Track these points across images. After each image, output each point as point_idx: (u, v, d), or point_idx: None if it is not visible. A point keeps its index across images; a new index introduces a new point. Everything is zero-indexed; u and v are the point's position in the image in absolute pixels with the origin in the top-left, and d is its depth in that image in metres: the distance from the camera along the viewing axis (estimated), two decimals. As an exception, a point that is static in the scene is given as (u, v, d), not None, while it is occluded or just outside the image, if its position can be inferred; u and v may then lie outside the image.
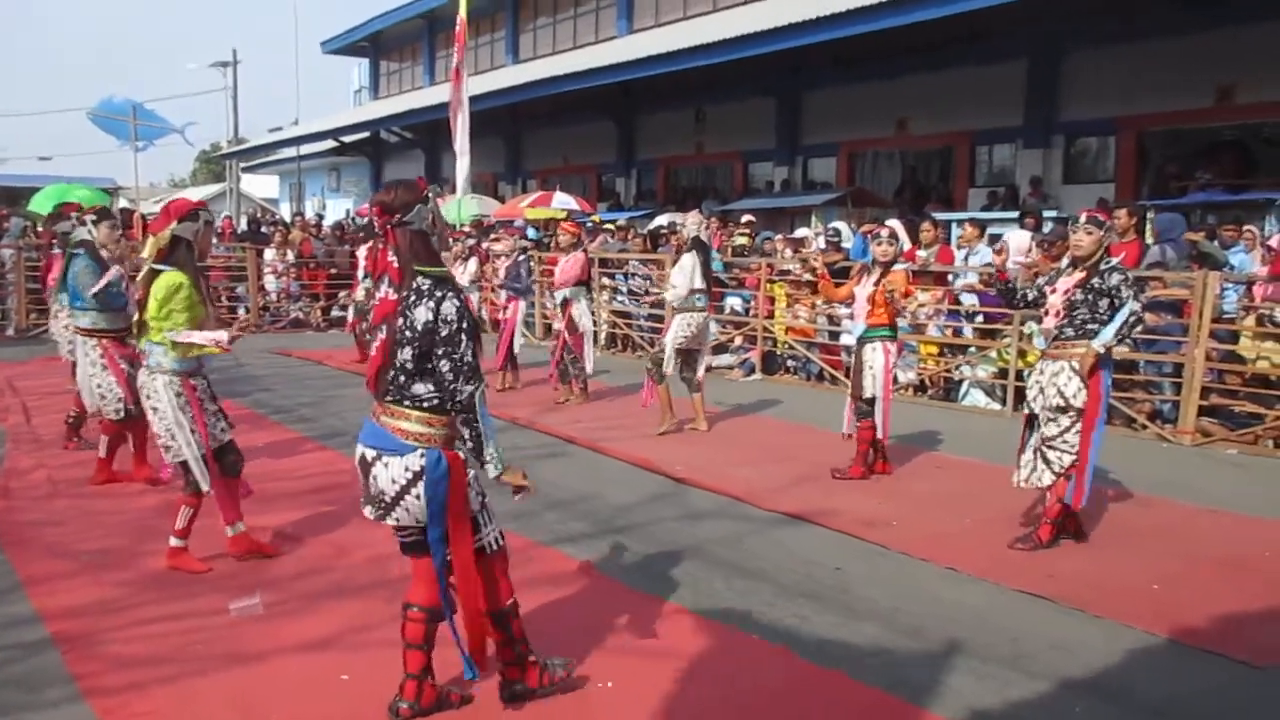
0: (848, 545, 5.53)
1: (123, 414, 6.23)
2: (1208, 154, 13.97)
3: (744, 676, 3.86)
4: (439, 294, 3.16)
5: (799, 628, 4.34)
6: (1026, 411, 5.65)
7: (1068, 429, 5.31)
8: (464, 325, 3.15)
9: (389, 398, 3.23)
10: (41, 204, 15.80)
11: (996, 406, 9.64)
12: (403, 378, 3.19)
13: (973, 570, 5.07)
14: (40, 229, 13.70)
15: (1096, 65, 14.79)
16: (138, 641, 4.01)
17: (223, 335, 4.78)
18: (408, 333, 3.15)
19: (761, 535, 5.68)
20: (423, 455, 3.18)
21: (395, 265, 3.22)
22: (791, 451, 7.70)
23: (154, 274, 4.72)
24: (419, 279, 3.19)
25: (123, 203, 18.35)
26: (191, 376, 4.86)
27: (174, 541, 4.88)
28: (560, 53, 25.22)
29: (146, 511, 5.78)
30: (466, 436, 3.23)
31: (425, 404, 3.20)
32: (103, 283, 6.23)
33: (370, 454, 3.26)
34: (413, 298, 3.17)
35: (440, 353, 3.14)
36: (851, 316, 7.06)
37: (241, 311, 16.08)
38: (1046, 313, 5.49)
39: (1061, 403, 5.29)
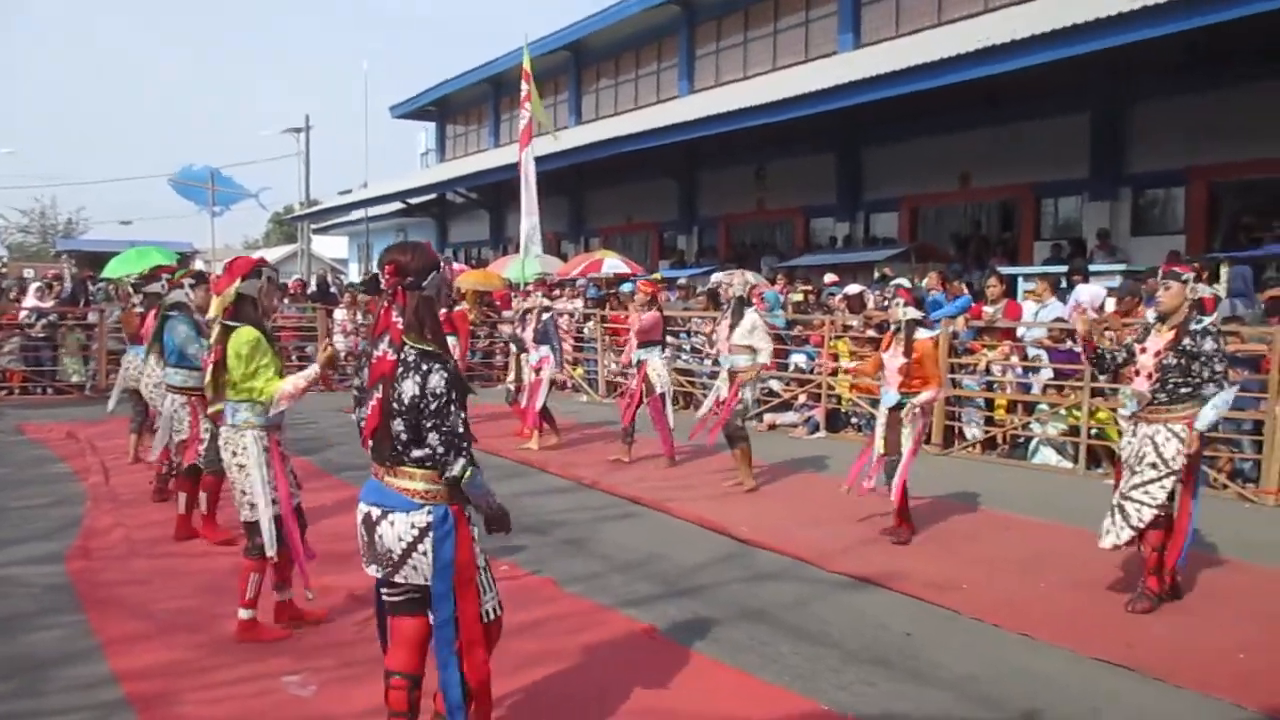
0: (917, 609, 5.43)
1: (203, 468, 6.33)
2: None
3: (813, 747, 3.79)
4: (425, 367, 3.16)
5: (867, 695, 4.26)
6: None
7: (1150, 481, 5.21)
8: (453, 396, 3.16)
9: (390, 460, 3.25)
10: (116, 268, 16.38)
11: (1068, 465, 9.42)
12: (400, 445, 3.21)
13: (1048, 637, 4.94)
14: (120, 289, 14.19)
15: (1165, 115, 14.62)
16: (210, 704, 4.07)
17: (314, 369, 4.71)
18: (395, 404, 3.17)
19: (828, 598, 5.61)
20: (429, 511, 3.23)
21: (399, 327, 3.21)
22: (857, 511, 7.58)
23: (226, 331, 4.74)
24: (406, 349, 3.19)
25: (200, 264, 18.94)
26: (276, 431, 4.87)
27: (243, 614, 4.80)
28: (622, 113, 25.65)
29: (222, 572, 5.86)
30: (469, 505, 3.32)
31: (427, 464, 3.22)
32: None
33: (375, 512, 3.28)
34: (400, 369, 3.18)
35: (429, 425, 3.15)
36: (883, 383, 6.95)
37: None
38: (1137, 373, 5.36)
39: (1157, 460, 5.19)
